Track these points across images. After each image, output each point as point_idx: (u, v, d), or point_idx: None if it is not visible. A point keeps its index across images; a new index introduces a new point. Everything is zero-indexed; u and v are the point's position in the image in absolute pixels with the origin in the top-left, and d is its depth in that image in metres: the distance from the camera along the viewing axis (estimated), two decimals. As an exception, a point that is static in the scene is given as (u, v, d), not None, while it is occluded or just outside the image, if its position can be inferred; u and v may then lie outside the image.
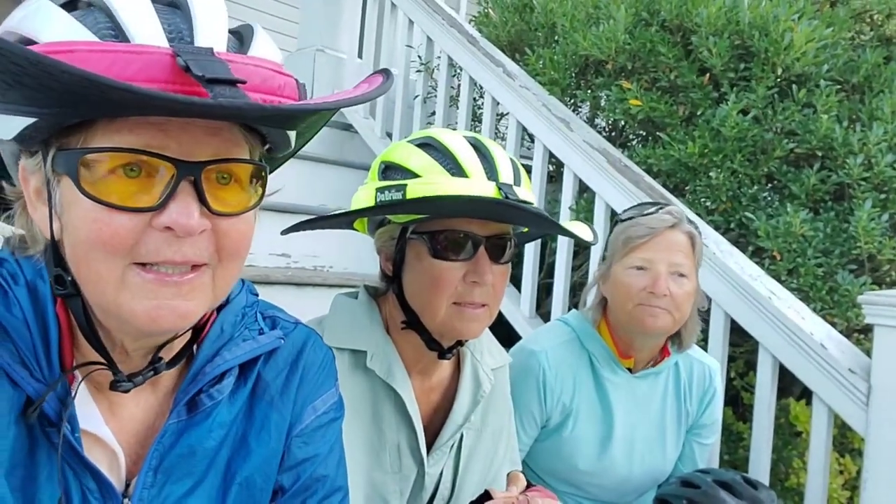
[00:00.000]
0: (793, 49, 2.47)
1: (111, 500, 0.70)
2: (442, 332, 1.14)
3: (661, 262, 1.53)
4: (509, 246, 1.13)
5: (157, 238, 0.62)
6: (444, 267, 1.09)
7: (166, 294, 0.63)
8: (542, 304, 2.84)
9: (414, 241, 1.12)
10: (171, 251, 0.62)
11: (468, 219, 1.09)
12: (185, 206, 0.62)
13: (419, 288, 1.12)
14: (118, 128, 0.60)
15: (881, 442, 1.72)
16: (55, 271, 0.66)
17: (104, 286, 0.63)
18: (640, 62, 2.84)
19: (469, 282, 1.09)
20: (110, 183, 0.61)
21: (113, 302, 0.63)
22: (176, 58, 0.57)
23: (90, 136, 0.61)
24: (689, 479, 1.56)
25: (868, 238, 2.25)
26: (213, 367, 0.76)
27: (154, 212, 0.61)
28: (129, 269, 0.62)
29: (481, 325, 1.13)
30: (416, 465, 1.18)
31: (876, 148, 2.35)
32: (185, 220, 0.61)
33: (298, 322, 0.90)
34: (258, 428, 0.81)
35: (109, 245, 0.61)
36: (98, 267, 0.62)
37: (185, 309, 0.64)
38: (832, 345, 1.85)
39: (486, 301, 1.11)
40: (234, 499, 0.78)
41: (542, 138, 2.73)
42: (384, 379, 1.14)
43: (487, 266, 1.09)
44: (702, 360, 1.75)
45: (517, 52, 3.46)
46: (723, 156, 2.54)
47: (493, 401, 1.31)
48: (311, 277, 2.57)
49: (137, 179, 0.61)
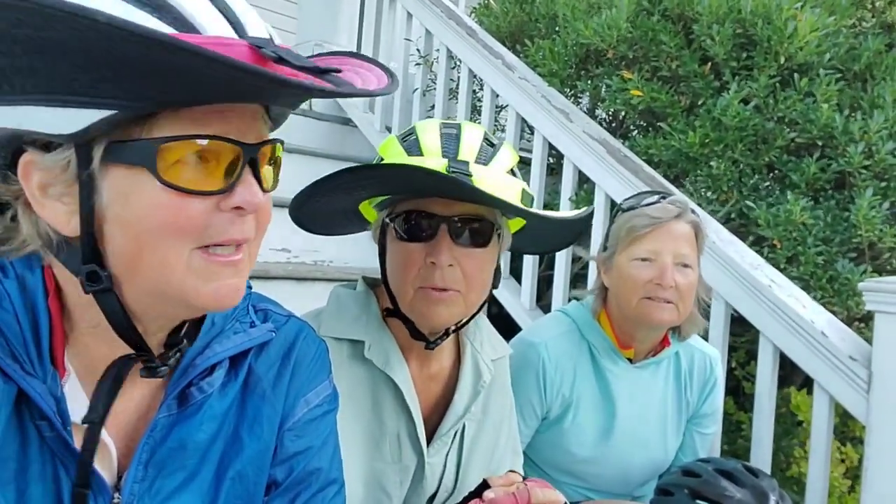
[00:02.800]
0: (796, 38, 2.45)
1: (101, 494, 0.70)
2: (413, 317, 1.13)
3: (666, 253, 1.53)
4: (481, 228, 1.11)
5: (223, 219, 0.65)
6: (408, 248, 1.10)
7: (226, 274, 0.67)
8: (543, 296, 2.84)
9: (388, 226, 1.13)
10: (235, 230, 0.66)
11: (431, 199, 1.09)
12: (250, 185, 0.66)
13: (391, 272, 1.14)
14: (184, 116, 0.62)
15: (882, 429, 1.71)
16: (88, 268, 0.65)
17: (170, 272, 0.65)
18: (642, 51, 2.83)
19: (428, 262, 1.08)
20: (181, 170, 0.63)
21: (178, 286, 0.65)
22: (258, 49, 0.60)
23: (155, 127, 0.62)
24: (691, 468, 1.56)
25: (868, 226, 2.25)
26: (203, 359, 0.76)
27: (224, 194, 0.65)
28: (193, 253, 0.65)
29: (449, 311, 1.10)
30: (416, 455, 1.18)
31: (877, 136, 2.34)
32: (253, 199, 0.66)
33: (291, 315, 0.90)
34: (250, 421, 0.81)
35: (184, 229, 0.64)
36: (166, 253, 0.64)
37: (240, 285, 0.69)
38: (833, 332, 1.85)
39: (453, 286, 1.09)
40: (227, 493, 0.78)
41: (541, 129, 2.72)
42: (382, 369, 1.14)
43: (445, 246, 1.08)
44: (702, 349, 1.75)
45: (518, 43, 3.45)
46: (724, 145, 2.52)
47: (493, 391, 1.31)
48: (311, 272, 2.57)
49: (206, 165, 0.64)
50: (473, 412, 1.25)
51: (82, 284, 0.66)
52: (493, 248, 1.14)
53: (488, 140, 1.15)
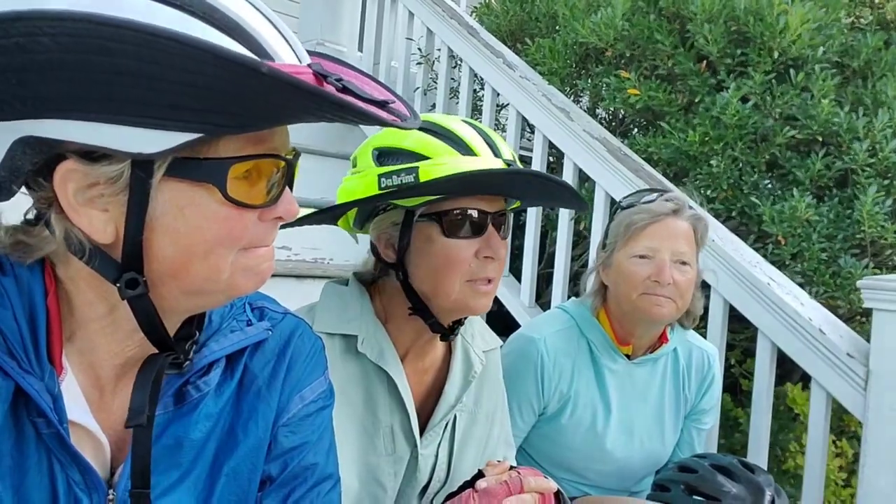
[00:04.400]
0: (788, 32, 2.45)
1: (96, 490, 0.71)
2: (453, 310, 1.16)
3: (664, 250, 1.54)
4: (507, 220, 1.18)
5: (264, 228, 0.71)
6: (460, 245, 1.11)
7: (269, 256, 0.73)
8: (543, 294, 2.85)
9: (422, 223, 1.13)
10: (271, 237, 0.73)
11: (475, 197, 1.12)
12: (289, 196, 0.72)
13: (431, 270, 1.13)
14: (243, 135, 0.66)
15: (879, 425, 1.72)
16: (129, 275, 0.66)
17: (219, 275, 0.69)
18: (639, 50, 2.83)
19: (482, 257, 1.12)
20: (239, 185, 0.66)
21: (226, 284, 0.70)
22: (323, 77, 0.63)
23: (219, 146, 0.64)
24: (687, 464, 1.57)
25: (871, 223, 2.26)
26: (199, 357, 0.76)
27: (270, 206, 0.70)
28: (238, 253, 0.70)
29: (490, 300, 1.17)
30: (410, 446, 1.20)
31: (881, 134, 2.35)
32: (293, 208, 0.73)
33: (287, 312, 0.91)
34: (245, 419, 0.81)
35: (237, 239, 0.68)
36: (217, 260, 0.68)
37: (272, 267, 0.74)
38: (830, 330, 1.85)
39: (497, 275, 1.16)
40: (222, 490, 0.78)
41: (541, 128, 2.73)
42: (375, 362, 1.16)
43: (499, 241, 1.14)
44: (700, 345, 1.76)
45: (518, 41, 3.46)
46: (723, 143, 2.53)
47: (485, 383, 1.32)
48: (311, 269, 2.58)
49: (257, 179, 0.68)
50: (465, 404, 1.27)
51: (120, 291, 0.67)
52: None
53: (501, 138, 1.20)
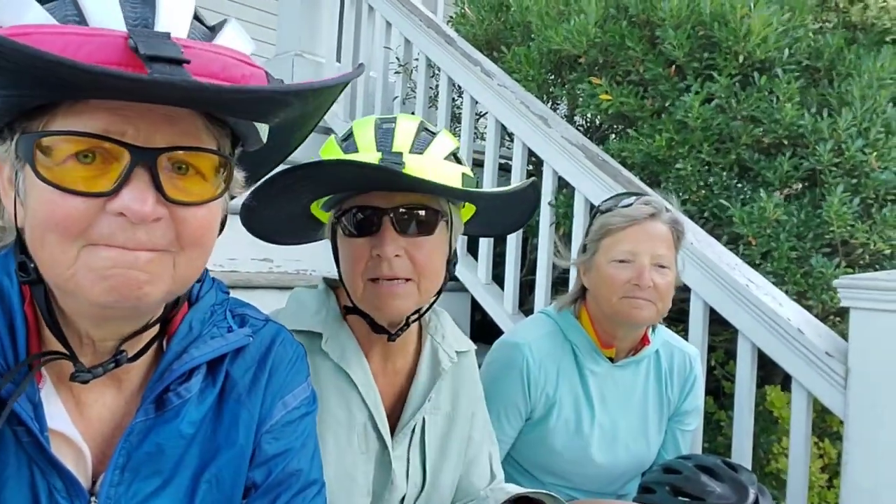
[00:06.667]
0: (752, 36, 2.47)
1: (78, 498, 0.70)
2: (367, 310, 1.14)
3: (644, 254, 1.55)
4: (426, 217, 1.12)
5: (111, 223, 0.62)
6: (355, 244, 1.12)
7: (122, 263, 0.63)
8: (526, 301, 2.86)
9: (336, 225, 1.15)
10: (125, 237, 0.62)
11: (370, 193, 1.11)
12: (139, 192, 0.62)
13: (342, 269, 1.16)
14: (78, 112, 0.61)
15: (860, 423, 1.74)
16: (19, 258, 0.66)
17: (59, 268, 0.63)
18: (612, 56, 2.86)
19: (374, 255, 1.10)
20: (67, 168, 0.61)
21: (70, 279, 0.63)
22: (128, 40, 0.58)
23: (51, 121, 0.61)
24: (671, 465, 1.58)
25: (840, 222, 2.27)
26: (180, 364, 0.76)
27: (108, 197, 0.62)
28: (84, 249, 0.62)
29: (403, 301, 1.11)
30: (381, 447, 1.19)
31: (846, 133, 2.36)
32: (138, 207, 0.61)
33: (268, 319, 0.91)
34: (227, 426, 0.81)
35: (62, 227, 0.61)
36: (52, 249, 0.63)
37: (140, 279, 0.63)
38: (809, 329, 1.87)
39: (401, 275, 1.10)
40: (203, 496, 0.78)
41: (521, 136, 2.74)
42: (337, 363, 1.16)
43: (389, 237, 1.09)
44: (682, 347, 1.77)
45: (494, 50, 3.47)
46: (689, 146, 2.55)
47: (462, 386, 1.32)
48: (293, 281, 2.57)
49: (94, 164, 0.61)
50: (441, 406, 1.27)
51: (17, 275, 0.67)
52: (441, 235, 1.15)
53: (427, 129, 1.17)
